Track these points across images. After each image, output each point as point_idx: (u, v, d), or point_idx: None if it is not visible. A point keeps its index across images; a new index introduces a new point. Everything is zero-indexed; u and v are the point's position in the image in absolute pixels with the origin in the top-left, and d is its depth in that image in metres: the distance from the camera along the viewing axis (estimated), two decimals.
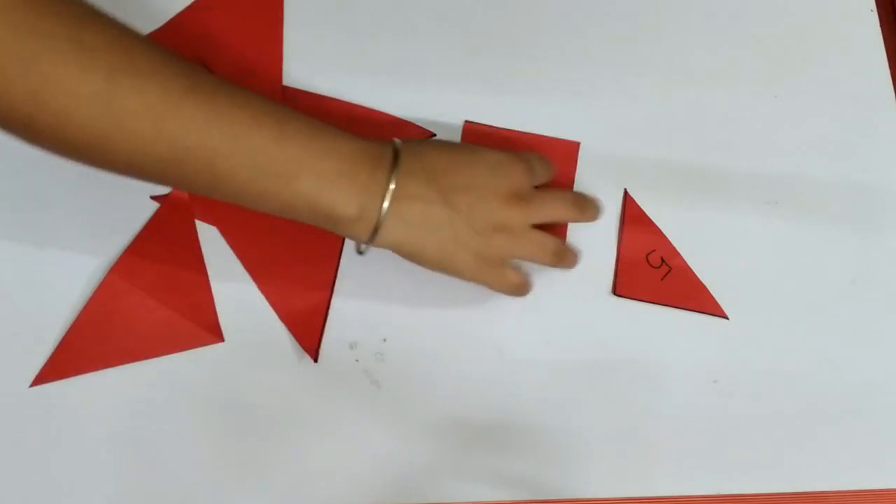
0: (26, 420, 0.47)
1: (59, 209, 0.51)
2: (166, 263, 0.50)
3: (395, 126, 0.54)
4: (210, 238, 0.51)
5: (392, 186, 0.43)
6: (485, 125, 0.54)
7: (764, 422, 0.50)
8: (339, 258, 0.51)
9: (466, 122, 0.55)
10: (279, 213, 0.43)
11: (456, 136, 0.54)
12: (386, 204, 0.43)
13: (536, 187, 0.49)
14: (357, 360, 0.49)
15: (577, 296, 0.52)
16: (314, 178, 0.42)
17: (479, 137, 0.54)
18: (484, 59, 0.57)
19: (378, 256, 0.51)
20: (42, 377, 0.47)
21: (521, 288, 0.49)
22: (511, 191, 0.46)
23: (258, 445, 0.47)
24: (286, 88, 0.54)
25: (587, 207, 0.50)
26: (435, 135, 0.54)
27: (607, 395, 0.50)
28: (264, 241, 0.51)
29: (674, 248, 0.53)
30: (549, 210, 0.48)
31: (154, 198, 0.51)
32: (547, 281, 0.51)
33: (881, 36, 0.60)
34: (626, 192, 0.54)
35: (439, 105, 0.55)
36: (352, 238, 0.45)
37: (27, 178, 0.51)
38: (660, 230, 0.54)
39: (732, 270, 0.53)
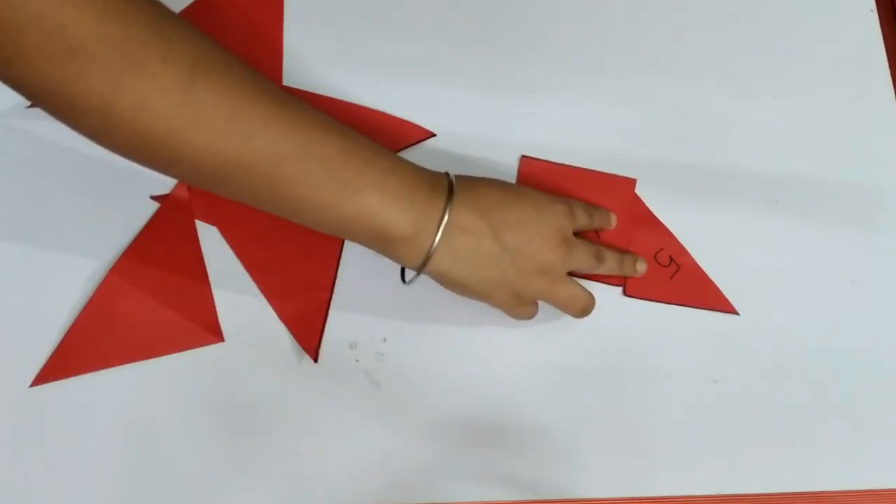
0: (26, 420, 0.47)
1: (59, 209, 0.51)
2: (166, 263, 0.50)
3: (396, 126, 0.54)
4: (210, 238, 0.51)
5: (446, 217, 0.44)
6: (541, 160, 0.54)
7: (764, 422, 0.50)
8: (339, 258, 0.51)
9: (522, 156, 0.54)
10: (333, 226, 0.43)
11: (456, 139, 0.54)
12: (440, 233, 0.43)
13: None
14: (357, 360, 0.49)
15: None
16: (376, 194, 0.42)
17: (534, 171, 0.54)
18: (484, 60, 0.57)
19: (378, 256, 0.51)
20: (42, 377, 0.47)
21: (532, 317, 0.50)
22: (557, 234, 0.47)
23: (258, 445, 0.47)
24: (286, 88, 0.54)
25: (608, 259, 0.50)
26: (435, 135, 0.54)
27: (607, 395, 0.50)
28: (264, 241, 0.51)
29: (682, 247, 0.53)
30: (581, 260, 0.49)
31: (154, 198, 0.51)
32: None
33: (881, 36, 0.60)
34: (635, 185, 0.54)
35: (440, 105, 0.55)
36: (400, 261, 0.45)
37: (27, 179, 0.51)
38: (667, 229, 0.54)
39: (732, 270, 0.53)
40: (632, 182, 0.54)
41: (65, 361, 0.47)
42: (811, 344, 0.52)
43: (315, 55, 0.55)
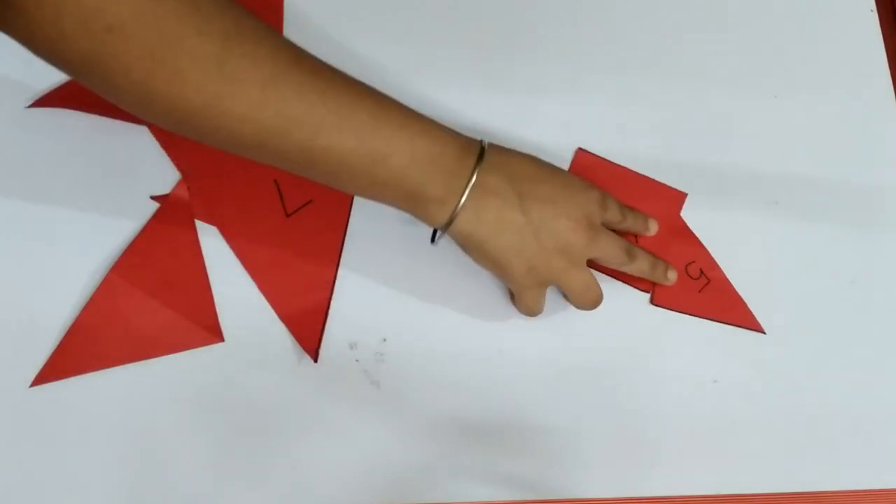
0: (26, 420, 0.47)
1: (60, 209, 0.50)
2: (166, 263, 0.50)
3: None
4: (210, 238, 0.51)
5: (474, 178, 0.44)
6: (597, 156, 0.54)
7: (764, 422, 0.50)
8: (340, 258, 0.51)
9: (579, 149, 0.55)
10: (366, 190, 0.45)
11: None
12: (467, 192, 0.44)
13: None
14: (357, 360, 0.49)
15: None
16: (406, 156, 0.43)
17: (588, 165, 0.54)
18: (484, 60, 0.57)
19: (378, 256, 0.51)
20: (42, 377, 0.47)
21: (536, 315, 0.50)
22: (583, 217, 0.47)
23: (258, 445, 0.47)
24: None
25: (640, 259, 0.50)
26: None
27: (607, 395, 0.50)
28: (264, 241, 0.51)
29: (713, 260, 0.53)
30: (607, 250, 0.49)
31: (154, 198, 0.51)
32: None
33: (881, 36, 0.60)
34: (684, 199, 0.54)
35: (440, 105, 0.55)
36: (428, 221, 0.46)
37: (27, 179, 0.51)
38: (699, 241, 0.53)
39: (731, 270, 0.53)
40: (682, 196, 0.54)
41: (65, 361, 0.47)
42: (811, 344, 0.52)
43: (315, 55, 0.55)
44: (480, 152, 0.45)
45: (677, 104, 0.57)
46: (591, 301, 0.49)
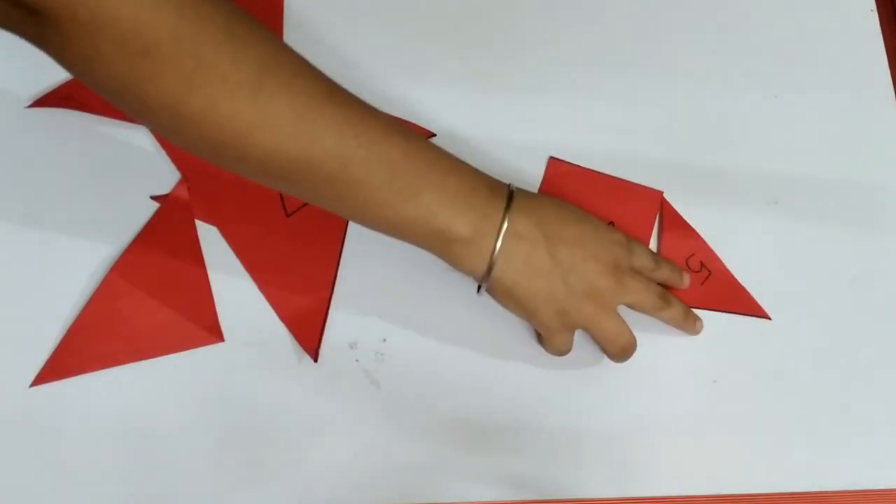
0: (26, 420, 0.47)
1: (60, 209, 0.51)
2: (166, 263, 0.50)
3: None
4: (210, 238, 0.51)
5: (506, 223, 0.44)
6: (568, 163, 0.54)
7: (764, 422, 0.50)
8: (340, 258, 0.51)
9: (551, 158, 0.55)
10: (394, 227, 0.44)
11: (456, 139, 0.54)
12: (501, 238, 0.44)
13: None
14: (357, 360, 0.49)
15: None
16: (436, 194, 0.43)
17: (561, 174, 0.54)
18: (484, 60, 0.57)
19: (377, 256, 0.51)
20: (42, 377, 0.47)
21: (564, 355, 0.49)
22: (612, 261, 0.47)
23: (258, 445, 0.47)
24: None
25: (673, 306, 0.49)
26: (435, 135, 0.54)
27: (607, 395, 0.50)
28: (264, 241, 0.51)
29: (712, 252, 0.53)
30: (639, 296, 0.48)
31: (154, 198, 0.51)
32: None
33: (881, 36, 0.60)
34: (662, 197, 0.54)
35: (440, 105, 0.55)
36: (458, 265, 0.45)
37: (27, 179, 0.51)
38: (697, 234, 0.53)
39: (732, 270, 0.53)
40: (658, 194, 0.54)
41: (65, 361, 0.47)
42: (811, 344, 0.52)
43: (315, 55, 0.55)
44: (509, 195, 0.45)
45: (677, 104, 0.57)
46: (622, 348, 0.48)
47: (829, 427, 0.51)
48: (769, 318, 0.52)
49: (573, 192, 0.53)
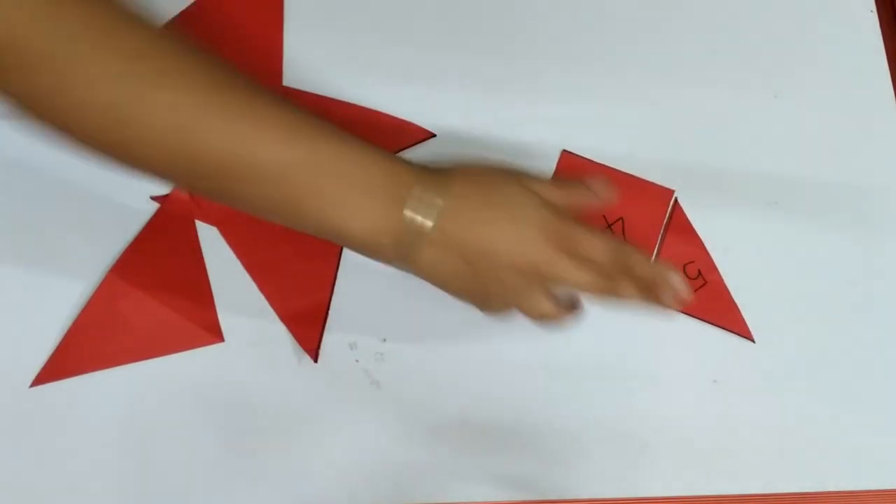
0: (26, 420, 0.47)
1: (60, 209, 0.51)
2: (166, 263, 0.50)
3: (395, 127, 0.54)
4: (210, 238, 0.51)
5: (421, 219, 0.40)
6: (582, 157, 0.54)
7: (764, 422, 0.50)
8: (340, 258, 0.51)
9: (564, 151, 0.55)
10: (300, 228, 0.42)
11: (456, 138, 0.54)
12: (416, 234, 0.40)
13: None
14: (357, 360, 0.49)
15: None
16: (328, 199, 0.40)
17: (573, 168, 0.54)
18: (485, 60, 0.57)
19: None
20: (42, 377, 0.47)
21: (550, 316, 0.44)
22: (532, 228, 0.42)
23: (258, 445, 0.47)
24: (286, 89, 0.54)
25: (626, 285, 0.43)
26: (435, 135, 0.54)
27: (607, 395, 0.50)
28: (264, 241, 0.51)
29: (713, 263, 0.53)
30: (572, 276, 0.42)
31: (154, 198, 0.51)
32: None
33: (881, 36, 0.60)
34: (675, 200, 0.54)
35: (440, 105, 0.55)
36: (384, 262, 0.43)
37: (27, 179, 0.51)
38: (701, 242, 0.53)
39: (731, 270, 0.53)
40: (669, 192, 0.54)
41: (65, 361, 0.47)
42: (811, 344, 0.52)
43: (315, 55, 0.55)
44: (421, 184, 0.41)
45: (677, 104, 0.57)
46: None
47: (830, 427, 0.51)
48: (753, 341, 0.52)
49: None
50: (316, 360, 0.49)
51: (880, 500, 0.50)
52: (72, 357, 0.47)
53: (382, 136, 0.53)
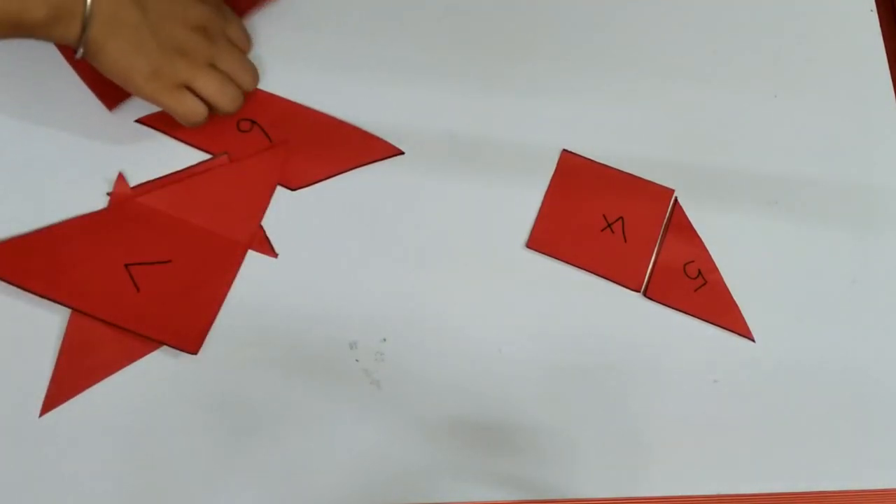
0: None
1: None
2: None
3: (364, 141, 0.53)
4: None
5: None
6: (582, 157, 0.55)
7: (764, 422, 0.50)
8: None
9: (564, 150, 0.55)
10: None
11: (456, 138, 0.54)
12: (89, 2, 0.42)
13: None
14: (357, 360, 0.49)
15: (576, 296, 0.52)
16: None
17: (574, 167, 0.54)
18: (482, 61, 0.57)
19: (382, 254, 0.51)
20: (48, 404, 0.46)
21: (198, 115, 0.49)
22: (201, 22, 0.48)
23: (257, 445, 0.47)
24: (259, 92, 0.53)
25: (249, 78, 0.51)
26: (403, 153, 0.53)
27: (607, 395, 0.50)
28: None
29: (713, 263, 0.53)
30: (231, 64, 0.49)
31: (108, 194, 0.50)
32: (547, 281, 0.51)
33: (881, 36, 0.60)
34: (675, 199, 0.54)
35: (440, 105, 0.55)
36: (57, 41, 0.44)
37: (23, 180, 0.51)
38: (702, 242, 0.54)
39: (731, 270, 0.53)
40: (669, 192, 0.54)
41: (65, 383, 0.46)
42: (811, 344, 0.52)
43: (316, 56, 0.55)
44: None
45: (678, 104, 0.57)
46: (230, 97, 0.49)
47: (830, 427, 0.51)
48: (753, 341, 0.52)
49: (585, 186, 0.53)
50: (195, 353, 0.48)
51: (880, 500, 0.50)
52: (71, 377, 0.46)
53: (350, 149, 0.52)
